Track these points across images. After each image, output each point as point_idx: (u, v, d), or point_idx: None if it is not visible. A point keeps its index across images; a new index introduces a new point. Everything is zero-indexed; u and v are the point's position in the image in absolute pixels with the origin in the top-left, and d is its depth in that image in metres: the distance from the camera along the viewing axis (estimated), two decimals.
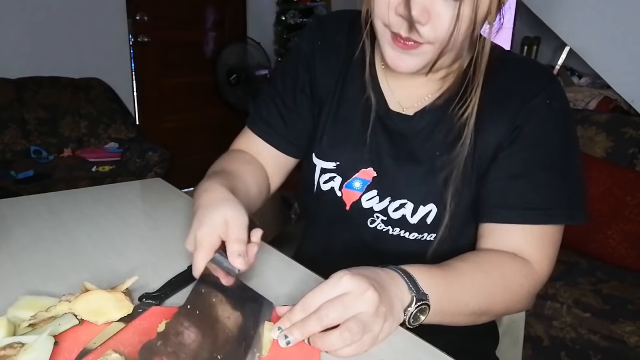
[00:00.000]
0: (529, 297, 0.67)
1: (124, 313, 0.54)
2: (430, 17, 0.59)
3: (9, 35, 2.83)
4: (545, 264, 0.68)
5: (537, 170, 0.67)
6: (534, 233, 0.67)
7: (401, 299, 0.54)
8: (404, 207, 0.72)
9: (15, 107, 2.74)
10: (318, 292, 0.51)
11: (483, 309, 0.63)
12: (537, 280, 0.67)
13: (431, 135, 0.72)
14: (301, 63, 0.81)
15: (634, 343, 1.39)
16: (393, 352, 0.51)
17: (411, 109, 0.74)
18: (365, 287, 0.50)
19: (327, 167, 0.78)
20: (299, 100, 0.81)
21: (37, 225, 0.83)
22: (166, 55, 3.50)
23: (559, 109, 0.68)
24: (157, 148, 2.73)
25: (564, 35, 2.31)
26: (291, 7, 3.78)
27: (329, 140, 0.78)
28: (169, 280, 0.63)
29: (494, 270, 0.64)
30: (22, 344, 0.46)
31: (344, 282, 0.51)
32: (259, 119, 0.83)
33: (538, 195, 0.66)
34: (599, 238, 1.73)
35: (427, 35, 0.60)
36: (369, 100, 0.75)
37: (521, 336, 0.93)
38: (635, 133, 1.85)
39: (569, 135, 0.69)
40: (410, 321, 0.55)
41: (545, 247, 0.67)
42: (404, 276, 0.56)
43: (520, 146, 0.67)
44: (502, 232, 0.68)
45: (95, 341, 0.50)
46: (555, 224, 0.68)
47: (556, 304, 1.54)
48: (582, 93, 2.29)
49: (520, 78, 0.69)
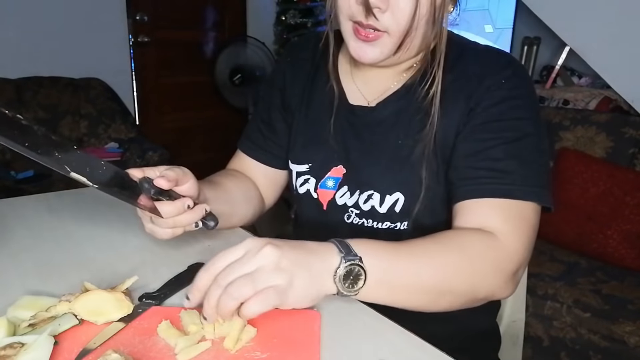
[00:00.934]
0: (502, 275, 0.61)
1: (124, 313, 0.54)
2: (389, 4, 0.63)
3: (9, 35, 2.83)
4: (516, 240, 0.63)
5: (494, 146, 0.66)
6: (499, 207, 0.64)
7: (329, 264, 0.52)
8: (371, 198, 0.75)
9: (15, 107, 2.74)
10: (221, 255, 0.51)
11: (441, 283, 0.58)
12: (508, 256, 0.62)
13: (394, 124, 0.74)
14: (274, 82, 0.88)
15: (634, 343, 1.39)
16: (393, 352, 0.51)
17: (374, 101, 0.77)
18: (263, 244, 0.50)
19: (301, 170, 0.81)
20: (273, 114, 0.87)
21: (37, 225, 0.83)
22: (166, 55, 3.50)
23: (514, 88, 0.68)
24: (157, 148, 2.73)
25: (564, 35, 2.31)
26: (291, 7, 3.77)
27: (300, 144, 0.82)
28: (168, 280, 0.63)
29: (454, 242, 0.61)
30: (22, 344, 0.46)
31: (244, 243, 0.51)
32: (245, 138, 0.91)
33: (497, 170, 0.65)
34: (599, 238, 1.73)
35: (386, 23, 0.64)
36: (332, 99, 0.79)
37: (521, 336, 0.93)
38: (635, 133, 1.85)
39: (531, 116, 0.68)
40: (344, 287, 0.52)
41: (513, 221, 0.63)
42: (337, 242, 0.55)
43: (473, 127, 0.68)
44: (468, 209, 0.66)
45: (95, 341, 0.50)
46: (520, 199, 0.64)
47: (556, 304, 1.54)
48: (582, 93, 2.29)
49: (479, 64, 0.71)
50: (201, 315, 0.50)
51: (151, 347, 0.50)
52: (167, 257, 0.72)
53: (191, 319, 0.53)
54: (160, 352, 0.49)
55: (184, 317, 0.53)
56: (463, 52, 0.72)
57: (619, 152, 1.86)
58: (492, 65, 0.70)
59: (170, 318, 0.53)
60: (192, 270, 0.66)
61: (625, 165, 1.83)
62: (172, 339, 0.50)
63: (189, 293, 0.51)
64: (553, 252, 1.80)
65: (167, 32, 3.46)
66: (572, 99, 2.29)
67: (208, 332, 0.51)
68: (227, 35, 3.78)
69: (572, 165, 1.86)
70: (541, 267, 1.69)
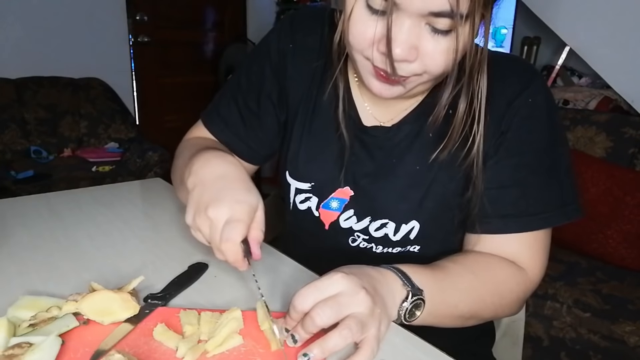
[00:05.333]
0: (519, 303, 0.66)
1: (131, 313, 0.53)
2: (418, 54, 0.53)
3: (9, 35, 2.83)
4: (538, 269, 0.67)
5: (526, 175, 0.64)
6: (527, 240, 0.65)
7: (394, 296, 0.53)
8: (385, 227, 0.70)
9: (15, 107, 2.74)
10: (312, 288, 0.49)
11: (472, 311, 0.62)
12: (529, 287, 0.66)
13: (411, 147, 0.68)
14: (269, 64, 0.74)
15: (634, 343, 1.39)
16: (393, 352, 0.51)
17: (389, 122, 0.69)
18: (359, 288, 0.49)
19: (302, 187, 0.74)
20: (262, 104, 0.75)
21: (37, 225, 0.83)
22: (166, 55, 3.50)
23: (542, 105, 0.64)
24: (157, 148, 2.73)
25: (564, 35, 2.31)
26: (291, 7, 3.77)
27: (302, 158, 0.73)
28: (172, 281, 0.63)
29: (484, 273, 0.63)
30: (31, 344, 0.46)
31: (336, 280, 0.49)
32: (217, 116, 0.78)
33: (531, 201, 0.64)
34: (599, 238, 1.73)
35: (415, 69, 0.55)
36: (343, 116, 0.68)
37: (521, 336, 0.93)
38: (635, 133, 1.85)
39: (555, 130, 0.66)
40: (406, 317, 0.54)
41: (538, 252, 0.66)
42: (398, 273, 0.55)
43: (507, 152, 0.64)
44: (495, 241, 0.66)
45: (107, 342, 0.50)
46: (550, 226, 0.66)
47: (556, 304, 1.54)
48: (582, 93, 2.29)
49: (501, 78, 0.64)
50: (284, 331, 0.50)
51: (156, 348, 0.50)
52: (167, 257, 0.72)
53: (188, 320, 0.53)
54: (165, 354, 0.49)
55: (182, 318, 0.54)
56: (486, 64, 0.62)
57: (619, 152, 1.86)
58: (516, 80, 0.64)
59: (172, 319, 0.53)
60: (192, 270, 0.66)
61: (625, 165, 1.83)
62: (170, 341, 0.50)
63: (293, 332, 0.49)
64: (553, 252, 1.79)
65: (167, 32, 3.46)
66: (572, 99, 2.29)
67: (204, 333, 0.51)
68: (227, 35, 3.78)
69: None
70: None
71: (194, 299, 0.60)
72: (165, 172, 2.66)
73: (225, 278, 0.66)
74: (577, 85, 2.48)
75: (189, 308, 0.56)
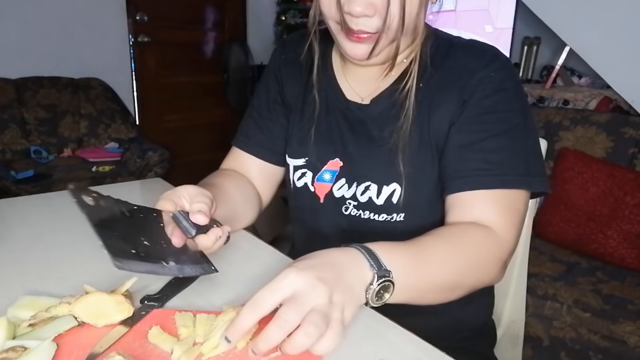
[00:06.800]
0: (498, 265, 0.66)
1: (125, 315, 0.53)
2: (376, 10, 0.64)
3: (9, 35, 2.83)
4: (509, 231, 0.67)
5: (486, 138, 0.69)
6: (492, 199, 0.67)
7: (362, 279, 0.53)
8: (369, 190, 0.76)
9: (15, 107, 2.74)
10: (267, 291, 0.48)
11: (453, 281, 0.62)
12: (503, 247, 0.66)
13: (387, 119, 0.76)
14: (271, 77, 0.89)
15: (634, 343, 1.39)
16: (393, 352, 0.51)
17: (368, 99, 0.78)
18: (315, 281, 0.48)
19: (298, 164, 0.83)
20: (272, 108, 0.88)
21: (37, 225, 0.83)
22: (166, 55, 3.50)
23: (504, 80, 0.70)
24: (157, 148, 2.73)
25: (564, 35, 2.31)
26: (291, 7, 3.78)
27: (297, 139, 0.83)
28: (169, 282, 0.63)
29: (459, 240, 0.64)
30: (25, 347, 0.46)
31: (290, 280, 0.48)
32: (240, 135, 0.90)
33: (490, 162, 0.68)
34: (599, 238, 1.73)
35: (376, 26, 0.65)
36: (328, 95, 0.81)
37: (521, 336, 0.94)
38: (635, 133, 1.85)
39: (521, 106, 0.71)
40: (374, 299, 0.54)
41: (506, 212, 0.67)
42: (366, 253, 0.55)
43: (467, 118, 0.70)
44: (462, 202, 0.69)
45: (102, 345, 0.49)
46: (512, 188, 0.68)
47: (556, 304, 1.54)
48: (582, 93, 2.29)
49: (468, 57, 0.73)
50: (250, 347, 0.48)
51: (151, 350, 0.49)
52: None
53: (183, 322, 0.52)
54: (160, 357, 0.48)
55: (177, 320, 0.53)
56: (451, 47, 0.75)
57: (619, 152, 1.86)
58: (481, 58, 0.72)
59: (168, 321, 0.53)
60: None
61: (625, 165, 1.83)
62: (165, 344, 0.50)
63: (228, 334, 0.47)
64: (553, 252, 1.80)
65: (167, 32, 3.46)
66: (572, 99, 2.30)
67: (199, 335, 0.51)
68: (227, 35, 3.78)
69: (572, 165, 1.86)
70: (541, 267, 1.69)
71: (191, 300, 0.60)
72: (165, 172, 2.66)
73: (223, 279, 0.66)
74: (577, 85, 2.49)
75: (185, 310, 0.55)
